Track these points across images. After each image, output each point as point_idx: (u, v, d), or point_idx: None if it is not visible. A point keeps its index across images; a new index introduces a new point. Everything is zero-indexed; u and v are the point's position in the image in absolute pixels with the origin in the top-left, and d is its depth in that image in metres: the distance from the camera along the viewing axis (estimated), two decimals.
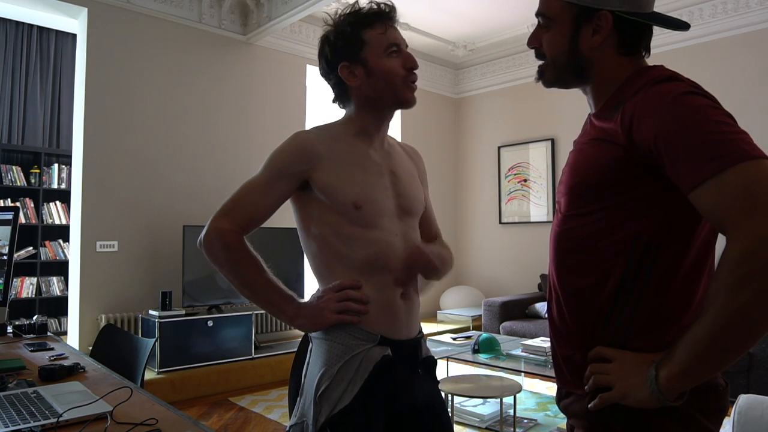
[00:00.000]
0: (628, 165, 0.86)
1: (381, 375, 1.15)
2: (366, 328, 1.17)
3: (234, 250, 1.18)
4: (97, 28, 4.04)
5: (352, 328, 1.17)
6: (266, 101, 4.92)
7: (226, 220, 1.18)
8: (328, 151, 1.20)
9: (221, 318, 4.03)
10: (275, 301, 1.21)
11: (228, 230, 1.17)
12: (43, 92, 5.59)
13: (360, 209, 1.18)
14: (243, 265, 1.19)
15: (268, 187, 1.19)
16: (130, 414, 1.11)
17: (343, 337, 1.17)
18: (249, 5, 4.66)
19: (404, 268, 1.21)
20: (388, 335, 1.19)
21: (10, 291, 2.73)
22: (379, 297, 1.19)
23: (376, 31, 1.21)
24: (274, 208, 1.21)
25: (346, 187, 1.18)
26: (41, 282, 5.34)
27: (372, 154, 1.25)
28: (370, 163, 1.24)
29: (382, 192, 1.22)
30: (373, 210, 1.19)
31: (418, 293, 1.31)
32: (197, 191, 4.43)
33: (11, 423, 1.04)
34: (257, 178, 1.21)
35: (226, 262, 1.19)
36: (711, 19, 4.52)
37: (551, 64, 0.99)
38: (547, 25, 0.98)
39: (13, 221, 1.96)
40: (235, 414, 3.45)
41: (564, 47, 0.96)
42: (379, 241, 1.19)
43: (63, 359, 1.64)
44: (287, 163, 1.19)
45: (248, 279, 1.20)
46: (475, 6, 4.98)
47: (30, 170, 5.37)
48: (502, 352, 3.36)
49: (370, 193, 1.20)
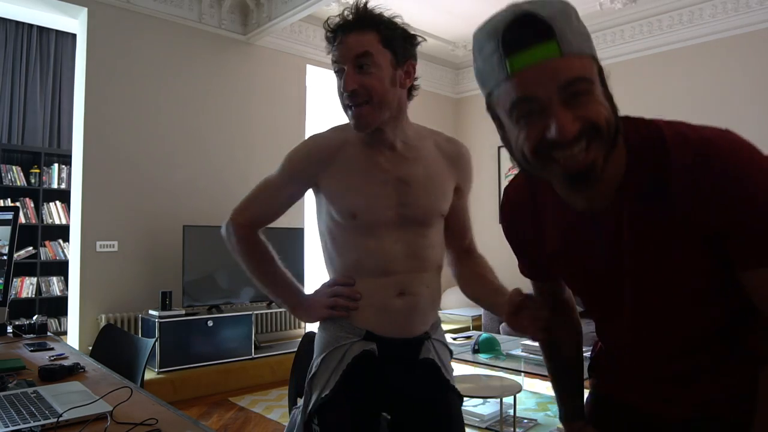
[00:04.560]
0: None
1: (360, 369, 1.20)
2: (354, 322, 1.23)
3: (245, 242, 1.29)
4: (97, 28, 4.04)
5: (341, 321, 1.24)
6: (266, 101, 4.91)
7: (241, 215, 1.29)
8: (337, 157, 1.23)
9: (221, 318, 4.02)
10: (280, 292, 1.33)
11: (241, 224, 1.29)
12: (43, 92, 5.59)
13: (356, 218, 1.21)
14: (253, 256, 1.30)
15: (280, 188, 1.28)
16: (130, 414, 1.11)
17: (333, 328, 1.25)
18: (249, 5, 4.66)
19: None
20: (377, 332, 1.22)
21: (10, 291, 2.73)
22: (372, 296, 1.22)
23: (331, 51, 1.20)
24: (285, 208, 1.31)
25: (345, 195, 1.22)
26: (41, 282, 5.34)
27: (380, 162, 1.23)
28: (376, 171, 1.23)
29: (382, 202, 1.22)
30: (369, 219, 1.21)
31: (431, 293, 1.27)
32: (197, 191, 4.43)
33: (11, 423, 1.04)
34: (272, 178, 1.29)
35: (239, 252, 1.30)
36: (711, 19, 4.51)
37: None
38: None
39: (13, 221, 1.96)
40: (235, 414, 3.45)
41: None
42: (375, 249, 1.22)
43: (63, 359, 1.64)
44: (298, 167, 1.26)
45: (258, 269, 1.31)
46: (476, 6, 4.98)
47: (30, 170, 5.37)
48: (502, 352, 3.37)
49: (368, 203, 1.21)
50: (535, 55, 0.69)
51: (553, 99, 0.70)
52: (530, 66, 0.69)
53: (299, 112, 5.15)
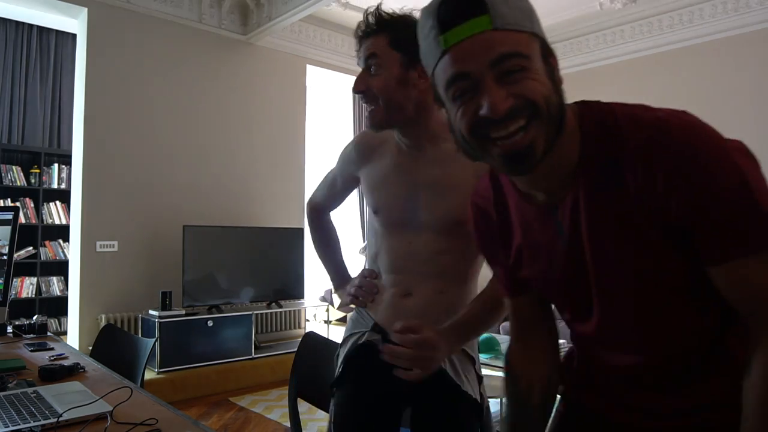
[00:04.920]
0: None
1: (363, 357, 1.28)
2: (370, 313, 1.33)
3: (311, 220, 1.53)
4: (97, 28, 4.04)
5: (363, 310, 1.35)
6: (266, 101, 4.91)
7: (312, 198, 1.52)
8: (375, 154, 1.31)
9: (221, 318, 4.02)
10: (330, 271, 1.51)
11: (311, 206, 1.52)
12: (43, 92, 5.58)
13: (378, 215, 1.30)
14: (315, 234, 1.53)
15: (333, 180, 1.45)
16: (130, 414, 1.11)
17: (357, 315, 1.37)
18: (249, 5, 4.66)
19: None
20: (385, 326, 1.27)
21: (10, 291, 2.73)
22: (385, 291, 1.31)
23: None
24: (342, 195, 1.47)
25: (372, 191, 1.31)
26: (41, 282, 5.34)
27: (404, 163, 1.25)
28: (399, 171, 1.26)
29: (399, 202, 1.26)
30: (387, 218, 1.29)
31: (447, 301, 1.24)
32: (197, 191, 4.43)
33: (11, 423, 1.04)
34: (330, 171, 1.46)
35: (310, 227, 1.53)
36: (711, 19, 4.52)
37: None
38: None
39: (13, 221, 1.96)
40: (235, 414, 3.45)
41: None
42: (390, 247, 1.29)
43: (63, 359, 1.64)
44: (343, 163, 1.39)
45: (317, 246, 1.54)
46: None
47: (30, 170, 5.37)
48: (502, 352, 3.36)
49: (387, 201, 1.28)
50: (467, 29, 0.67)
51: (485, 75, 0.68)
52: (462, 41, 0.68)
53: (299, 112, 5.15)
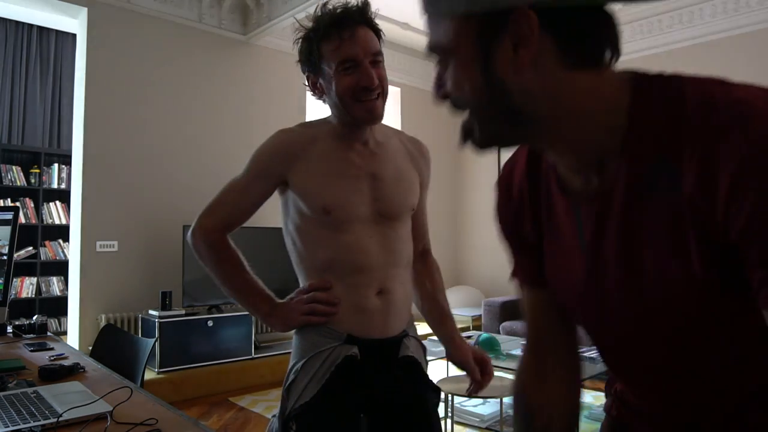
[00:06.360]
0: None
1: (345, 374, 1.17)
2: (334, 327, 1.20)
3: (215, 248, 1.25)
4: (97, 28, 4.04)
5: (320, 327, 1.20)
6: (266, 101, 4.91)
7: (210, 218, 1.26)
8: (307, 153, 1.22)
9: (221, 318, 4.03)
10: (251, 300, 1.27)
11: (210, 229, 1.25)
12: (43, 92, 5.59)
13: (330, 214, 1.19)
14: (223, 262, 1.26)
15: (248, 187, 1.25)
16: (130, 414, 1.11)
17: (311, 334, 1.21)
18: (249, 5, 4.66)
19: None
20: (357, 334, 1.20)
21: (10, 291, 2.73)
22: (349, 297, 1.20)
23: (331, 44, 1.16)
24: (255, 207, 1.26)
25: (319, 191, 1.20)
26: (41, 282, 5.34)
27: (352, 157, 1.23)
28: (349, 166, 1.22)
29: (357, 197, 1.21)
30: (343, 215, 1.20)
31: (405, 291, 1.28)
32: (197, 191, 4.41)
33: (11, 423, 1.04)
34: (239, 178, 1.27)
35: (208, 259, 1.26)
36: (711, 19, 4.52)
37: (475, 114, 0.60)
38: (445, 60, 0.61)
39: (13, 221, 1.96)
40: (235, 414, 3.45)
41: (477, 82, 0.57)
42: (349, 245, 1.20)
43: (63, 359, 1.63)
44: (266, 164, 1.25)
45: (228, 276, 1.27)
46: None
47: (30, 170, 5.37)
48: (502, 352, 3.36)
49: (343, 197, 1.20)
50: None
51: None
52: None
53: (299, 112, 5.14)
